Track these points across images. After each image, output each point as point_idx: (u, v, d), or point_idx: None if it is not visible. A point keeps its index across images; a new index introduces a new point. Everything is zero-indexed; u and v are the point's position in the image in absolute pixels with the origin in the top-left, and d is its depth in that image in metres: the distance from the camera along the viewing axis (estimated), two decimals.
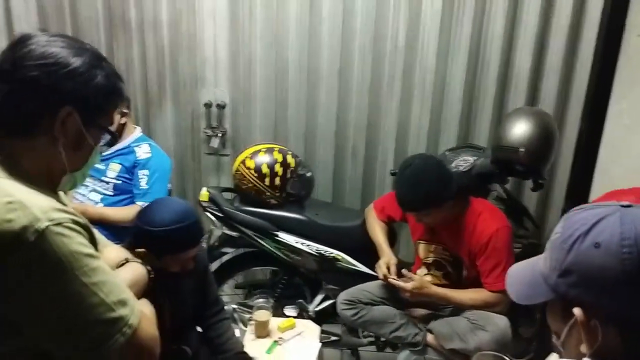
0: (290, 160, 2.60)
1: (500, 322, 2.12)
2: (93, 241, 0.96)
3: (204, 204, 2.55)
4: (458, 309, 2.26)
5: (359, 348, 2.72)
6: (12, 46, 0.95)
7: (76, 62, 0.96)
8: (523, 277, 0.95)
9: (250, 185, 2.54)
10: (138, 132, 2.56)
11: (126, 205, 2.45)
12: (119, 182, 2.45)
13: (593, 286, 0.79)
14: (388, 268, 2.27)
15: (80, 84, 0.96)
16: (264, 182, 2.53)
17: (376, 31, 2.83)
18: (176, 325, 1.77)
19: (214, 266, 2.60)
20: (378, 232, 2.47)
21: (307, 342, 2.26)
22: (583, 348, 0.82)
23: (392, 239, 2.56)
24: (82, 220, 0.94)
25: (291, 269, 2.67)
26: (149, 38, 2.97)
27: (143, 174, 2.44)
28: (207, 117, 3.06)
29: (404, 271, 2.22)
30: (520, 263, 1.00)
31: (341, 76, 2.92)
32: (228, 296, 2.96)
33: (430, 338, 2.30)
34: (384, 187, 3.05)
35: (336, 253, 2.55)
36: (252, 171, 2.53)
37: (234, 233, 2.55)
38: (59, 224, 0.86)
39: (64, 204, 0.95)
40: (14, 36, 0.98)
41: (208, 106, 3.02)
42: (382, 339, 2.51)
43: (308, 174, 2.69)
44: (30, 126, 0.95)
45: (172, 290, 1.74)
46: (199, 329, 2.04)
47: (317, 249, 2.53)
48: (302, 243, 2.53)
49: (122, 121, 2.45)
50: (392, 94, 2.91)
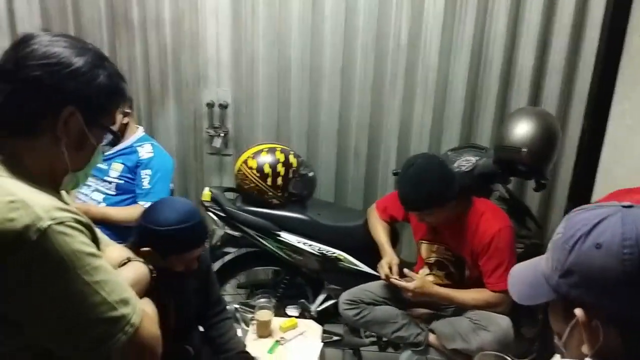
0: (292, 160, 2.60)
1: (502, 322, 2.11)
2: (95, 240, 0.96)
3: (207, 204, 2.56)
4: (460, 309, 2.26)
5: (361, 348, 2.72)
6: (15, 46, 0.96)
7: (79, 62, 0.96)
8: (525, 278, 0.95)
9: (252, 185, 2.54)
10: (140, 132, 2.56)
11: (128, 205, 2.46)
12: (121, 182, 2.45)
13: (594, 287, 0.79)
14: (390, 268, 2.27)
15: (82, 84, 0.96)
16: (266, 182, 2.53)
17: (379, 29, 2.83)
18: (180, 324, 1.77)
19: (216, 266, 2.61)
20: (380, 232, 2.47)
21: (309, 342, 2.26)
22: (584, 348, 0.82)
23: (394, 239, 2.56)
24: (85, 219, 0.94)
25: (293, 269, 2.67)
26: (152, 37, 2.97)
27: (145, 174, 2.44)
28: (210, 117, 3.07)
29: (406, 271, 2.21)
30: (522, 264, 1.00)
31: (343, 75, 2.92)
32: (230, 296, 2.96)
33: (432, 338, 2.30)
34: (386, 187, 3.05)
35: (338, 253, 2.54)
36: (255, 171, 2.53)
37: (236, 233, 2.55)
38: (61, 223, 0.86)
39: (66, 204, 0.95)
40: (17, 36, 0.98)
41: (210, 106, 3.03)
42: (384, 339, 2.51)
43: (310, 174, 2.69)
44: (32, 126, 0.95)
45: (177, 290, 1.75)
46: (201, 329, 2.04)
47: (319, 249, 2.53)
48: (304, 243, 2.53)
49: (125, 121, 2.46)
50: (395, 93, 2.91)
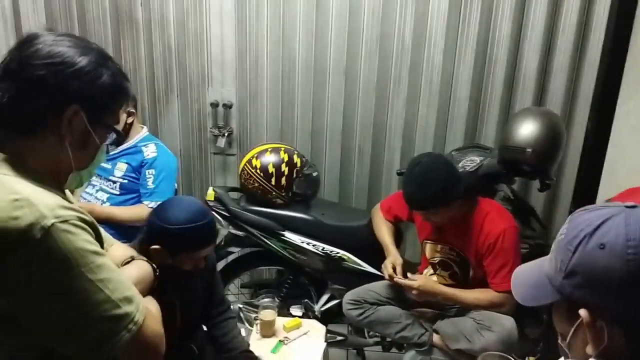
0: (296, 159, 2.60)
1: (506, 323, 2.11)
2: (99, 239, 0.97)
3: (211, 204, 2.56)
4: (464, 310, 2.25)
5: (365, 348, 2.72)
6: (19, 45, 0.96)
7: (82, 62, 0.96)
8: (528, 279, 0.95)
9: (256, 184, 2.55)
10: (145, 132, 2.57)
11: (133, 204, 2.47)
12: (125, 182, 2.46)
13: (598, 287, 0.79)
14: (394, 268, 2.26)
15: (86, 83, 0.96)
16: (270, 182, 2.53)
17: (383, 29, 2.82)
18: (186, 323, 1.77)
19: (220, 265, 2.61)
20: (384, 232, 2.46)
21: (313, 342, 2.25)
22: (589, 349, 0.81)
23: (399, 239, 2.55)
24: (88, 217, 0.94)
25: (297, 269, 2.67)
26: (156, 37, 2.98)
27: (150, 174, 2.45)
28: (214, 117, 3.07)
29: (409, 275, 2.22)
30: (525, 265, 0.99)
31: (348, 75, 2.91)
32: (234, 295, 2.96)
33: (436, 338, 2.29)
34: (391, 187, 3.05)
35: (342, 253, 2.54)
36: (258, 171, 2.53)
37: (240, 232, 2.56)
38: (65, 221, 0.87)
39: (70, 202, 0.96)
40: (22, 36, 0.99)
41: (215, 106, 3.03)
42: (388, 339, 2.51)
43: (314, 174, 2.69)
44: (37, 125, 0.95)
45: (184, 288, 1.76)
46: (204, 328, 2.04)
47: (323, 249, 2.53)
48: (308, 243, 2.53)
49: (129, 121, 2.47)
50: (399, 93, 2.91)
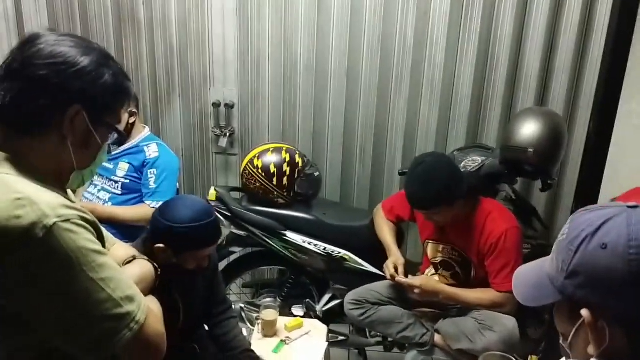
0: (298, 159, 2.60)
1: (508, 323, 2.11)
2: (101, 238, 0.97)
3: (212, 204, 2.55)
4: (465, 310, 2.25)
5: (367, 348, 2.72)
6: (21, 45, 0.96)
7: (84, 61, 0.96)
8: (529, 279, 0.94)
9: (258, 184, 2.55)
10: (147, 132, 2.58)
11: (135, 204, 2.47)
12: (127, 182, 2.46)
13: (600, 287, 0.79)
14: (396, 268, 2.26)
15: (88, 83, 0.97)
16: (272, 182, 2.53)
17: (384, 29, 2.82)
18: (188, 323, 1.78)
19: (222, 265, 2.61)
20: (386, 232, 2.46)
21: (315, 342, 2.25)
22: (590, 349, 0.81)
23: (400, 239, 2.55)
24: (90, 217, 0.95)
25: (299, 269, 2.67)
26: (158, 36, 2.98)
27: (152, 174, 2.45)
28: (216, 117, 3.07)
29: (410, 277, 2.22)
30: (526, 265, 0.99)
31: (349, 74, 2.91)
32: (236, 295, 2.97)
33: (437, 338, 2.29)
34: (392, 187, 3.05)
35: (344, 253, 2.54)
36: (260, 171, 2.53)
37: (242, 232, 2.56)
38: (67, 220, 0.87)
39: (72, 202, 0.96)
40: (24, 36, 0.99)
41: (216, 105, 3.03)
42: (390, 339, 2.51)
43: (316, 174, 2.69)
44: (39, 124, 0.96)
45: (187, 287, 1.76)
46: (206, 327, 2.05)
47: (325, 249, 2.53)
48: (310, 243, 2.53)
49: (131, 120, 2.47)
50: (401, 93, 2.91)
